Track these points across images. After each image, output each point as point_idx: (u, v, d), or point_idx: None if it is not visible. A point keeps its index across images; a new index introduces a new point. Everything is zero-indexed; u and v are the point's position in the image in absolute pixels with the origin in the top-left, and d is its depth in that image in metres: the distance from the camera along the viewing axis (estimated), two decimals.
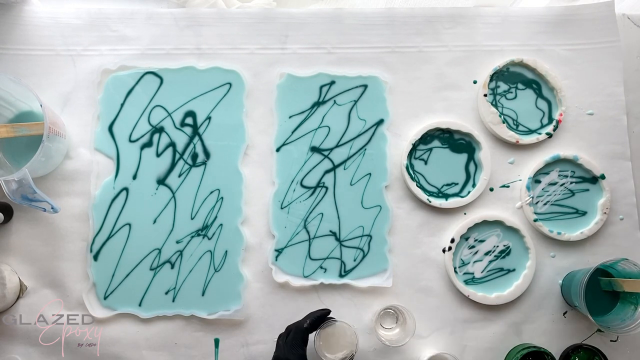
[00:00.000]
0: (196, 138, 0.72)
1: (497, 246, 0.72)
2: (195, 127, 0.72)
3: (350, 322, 0.66)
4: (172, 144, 0.72)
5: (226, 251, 0.71)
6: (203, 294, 0.70)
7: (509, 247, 0.72)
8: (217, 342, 0.69)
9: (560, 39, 0.76)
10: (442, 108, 0.75)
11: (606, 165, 0.73)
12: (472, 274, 0.71)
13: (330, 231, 0.71)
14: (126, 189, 0.71)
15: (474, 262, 0.72)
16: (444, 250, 0.71)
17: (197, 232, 0.71)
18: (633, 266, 0.64)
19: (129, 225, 0.70)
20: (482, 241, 0.72)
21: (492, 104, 0.74)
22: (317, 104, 0.74)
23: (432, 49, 0.76)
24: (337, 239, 0.71)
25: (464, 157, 0.74)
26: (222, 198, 0.71)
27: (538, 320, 0.71)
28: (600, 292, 0.68)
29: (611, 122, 0.74)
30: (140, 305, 0.69)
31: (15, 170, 0.66)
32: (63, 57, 0.74)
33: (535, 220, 0.72)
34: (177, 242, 0.70)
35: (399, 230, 0.72)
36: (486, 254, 0.72)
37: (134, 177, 0.71)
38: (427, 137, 0.74)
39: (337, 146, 0.73)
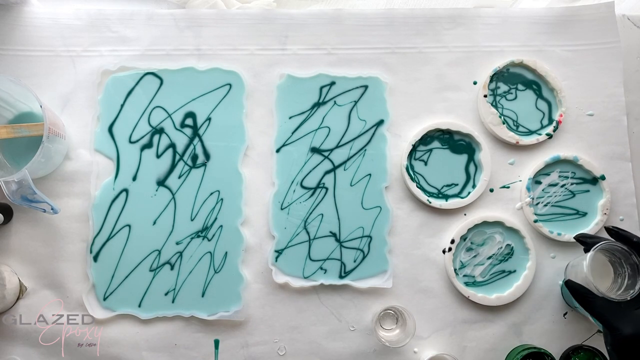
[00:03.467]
0: (196, 139, 0.72)
1: (501, 248, 0.72)
2: (195, 128, 0.72)
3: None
4: (172, 145, 0.72)
5: (226, 252, 0.70)
6: (203, 295, 0.70)
7: (511, 247, 0.72)
8: (217, 343, 0.69)
9: (560, 40, 0.76)
10: (442, 109, 0.74)
11: (606, 166, 0.73)
12: (473, 276, 0.71)
13: (331, 232, 0.71)
14: (126, 190, 0.71)
15: (475, 263, 0.72)
16: (444, 251, 0.71)
17: (197, 233, 0.71)
18: None
19: (129, 226, 0.70)
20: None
21: (492, 104, 0.74)
22: (317, 104, 0.74)
23: (432, 50, 0.75)
24: (337, 240, 0.71)
25: (464, 158, 0.74)
26: (222, 199, 0.71)
27: (538, 321, 0.71)
28: None
29: (611, 123, 0.74)
30: (139, 306, 0.69)
31: (15, 171, 0.66)
32: (63, 58, 0.74)
33: (535, 221, 0.71)
34: (177, 243, 0.70)
35: (399, 231, 0.72)
36: (489, 258, 0.72)
37: (134, 178, 0.71)
38: (427, 138, 0.74)
39: (337, 147, 0.73)
